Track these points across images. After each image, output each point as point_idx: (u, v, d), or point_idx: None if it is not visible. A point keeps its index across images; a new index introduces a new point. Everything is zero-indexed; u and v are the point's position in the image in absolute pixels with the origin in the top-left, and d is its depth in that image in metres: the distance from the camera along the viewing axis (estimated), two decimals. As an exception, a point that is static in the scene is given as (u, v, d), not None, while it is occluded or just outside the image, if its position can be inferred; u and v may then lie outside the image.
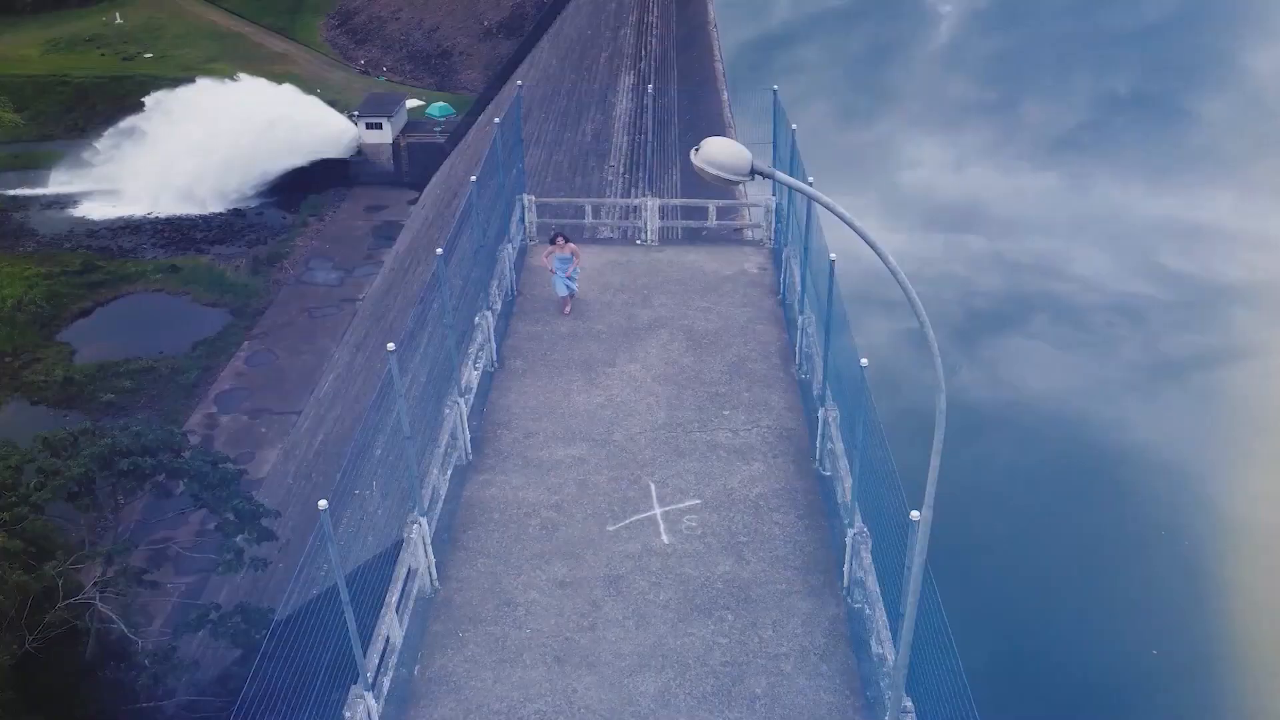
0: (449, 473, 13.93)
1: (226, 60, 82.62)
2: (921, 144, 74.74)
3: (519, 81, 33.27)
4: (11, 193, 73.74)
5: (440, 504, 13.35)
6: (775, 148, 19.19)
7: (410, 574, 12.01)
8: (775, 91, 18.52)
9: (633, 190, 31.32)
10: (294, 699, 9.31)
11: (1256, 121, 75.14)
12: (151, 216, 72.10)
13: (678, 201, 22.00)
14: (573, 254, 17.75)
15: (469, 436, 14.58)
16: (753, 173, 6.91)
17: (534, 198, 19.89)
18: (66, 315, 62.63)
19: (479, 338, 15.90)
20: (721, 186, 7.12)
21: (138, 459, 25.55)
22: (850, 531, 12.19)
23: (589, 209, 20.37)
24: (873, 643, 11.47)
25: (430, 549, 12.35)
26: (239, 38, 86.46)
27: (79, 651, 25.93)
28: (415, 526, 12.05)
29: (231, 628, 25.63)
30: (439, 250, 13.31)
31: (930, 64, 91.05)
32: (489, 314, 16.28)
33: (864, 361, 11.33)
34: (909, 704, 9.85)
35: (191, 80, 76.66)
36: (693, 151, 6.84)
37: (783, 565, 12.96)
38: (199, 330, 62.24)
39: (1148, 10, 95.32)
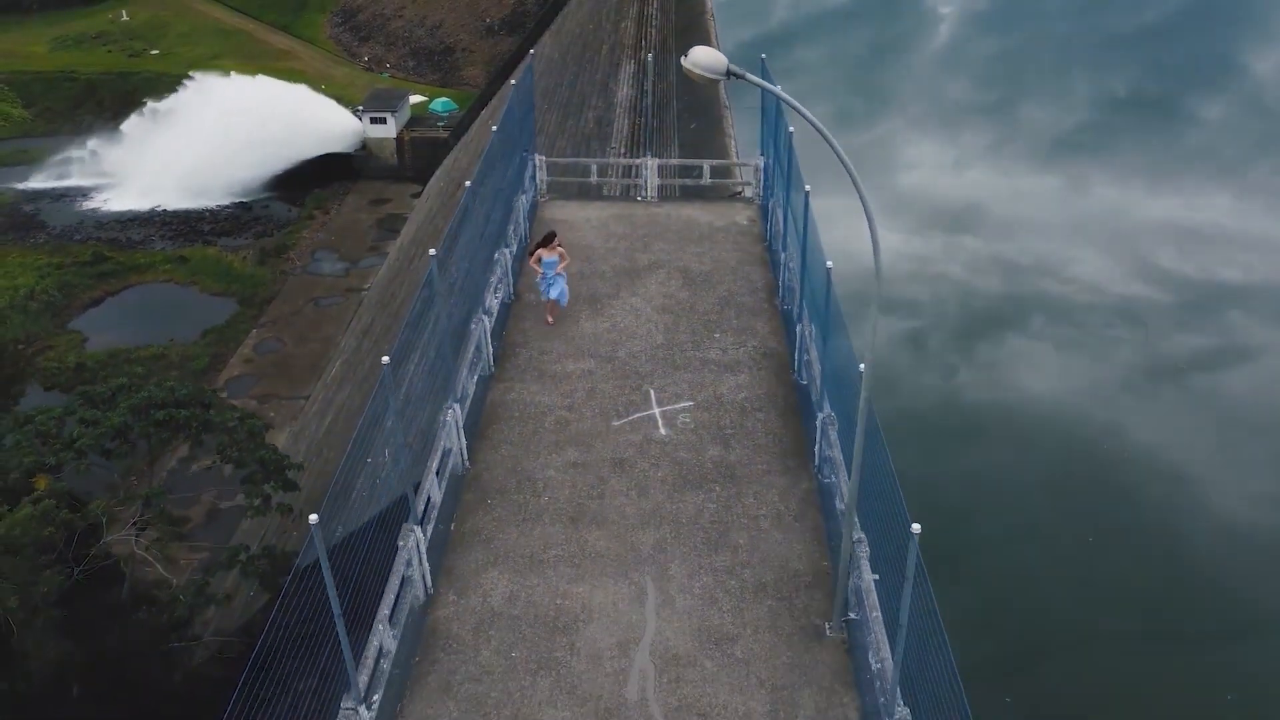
0: (475, 378, 16.34)
1: (231, 57, 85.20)
2: (920, 145, 76.07)
3: (531, 50, 35.67)
4: (20, 186, 76.28)
5: (468, 402, 15.74)
6: (763, 110, 21.65)
7: (445, 454, 14.39)
8: (764, 59, 20.91)
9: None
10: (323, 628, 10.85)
11: (1255, 123, 77.20)
12: (160, 209, 74.60)
13: (675, 161, 24.54)
14: (560, 256, 18.01)
15: (491, 350, 17.00)
16: (729, 74, 9.29)
17: (544, 158, 22.35)
18: (78, 304, 65.08)
19: (498, 270, 18.33)
20: (705, 84, 9.47)
21: (172, 410, 27.96)
22: (820, 415, 14.59)
23: (594, 168, 22.82)
24: (836, 502, 13.84)
25: (462, 432, 14.75)
26: (243, 35, 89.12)
27: (117, 590, 28.29)
28: (450, 411, 14.44)
29: (259, 568, 27.92)
30: (467, 183, 15.73)
31: (929, 65, 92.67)
32: (506, 251, 18.72)
33: (829, 264, 13.74)
34: (861, 535, 12.22)
35: (200, 77, 79.20)
36: (683, 58, 9.21)
37: (763, 452, 15.37)
38: (208, 319, 64.62)
39: (1147, 12, 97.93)
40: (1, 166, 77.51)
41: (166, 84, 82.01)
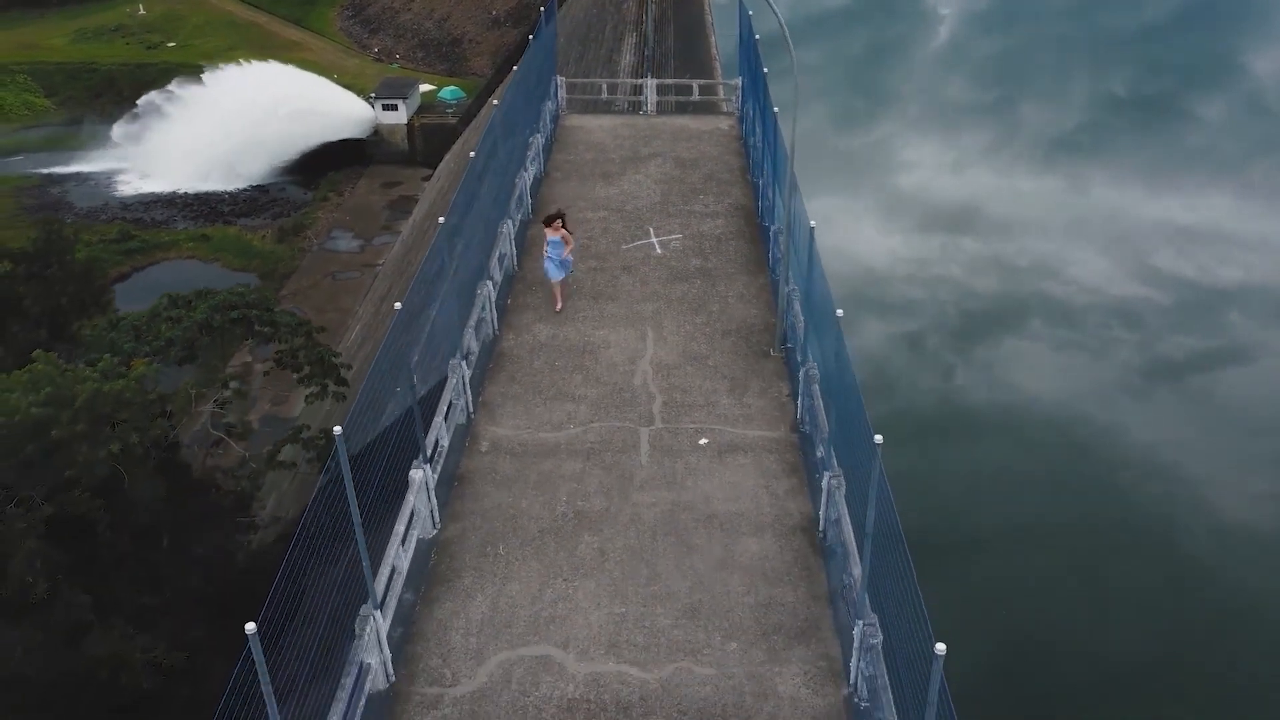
0: (519, 218, 22.91)
1: (245, 49, 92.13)
2: (919, 146, 79.62)
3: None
4: (46, 170, 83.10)
5: (515, 229, 22.29)
6: (740, 39, 28.33)
7: (502, 256, 20.93)
8: (741, 3, 27.55)
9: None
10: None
11: (1254, 123, 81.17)
12: (181, 192, 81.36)
13: (670, 81, 31.23)
14: (564, 239, 19.74)
15: (530, 202, 23.59)
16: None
17: (564, 78, 29.04)
18: (107, 279, 71.51)
19: (532, 151, 24.94)
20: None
21: (244, 310, 34.51)
22: (772, 228, 21.13)
23: (604, 87, 29.46)
24: (782, 286, 20.31)
25: (514, 241, 21.31)
26: (256, 28, 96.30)
27: (192, 469, 34.73)
28: (504, 224, 21.00)
29: (318, 446, 34.30)
30: (514, 68, 22.34)
31: (929, 66, 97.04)
32: (539, 137, 25.35)
33: (775, 109, 20.31)
34: (794, 285, 18.70)
35: (217, 67, 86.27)
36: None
37: (732, 263, 21.93)
38: (230, 291, 71.10)
39: (1146, 12, 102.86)
40: (28, 152, 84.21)
41: (183, 74, 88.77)
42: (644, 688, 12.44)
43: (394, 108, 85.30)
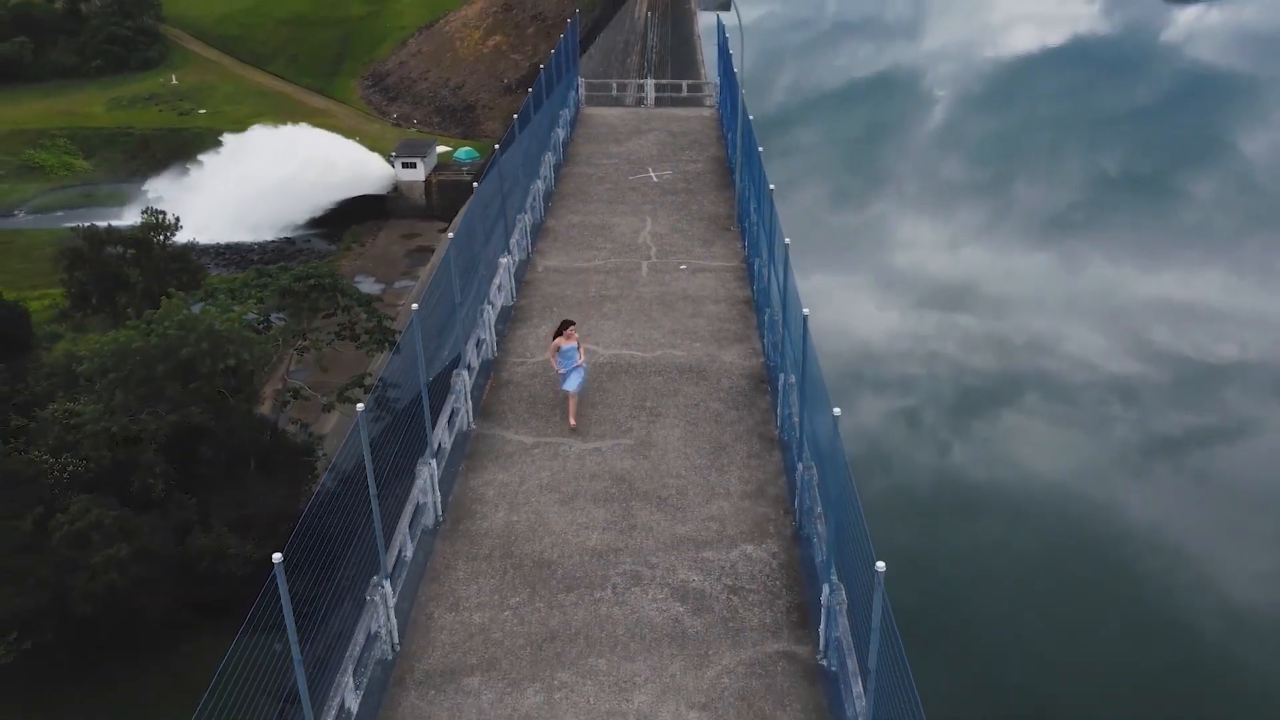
0: (555, 160, 33.77)
1: (272, 116, 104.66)
2: (915, 224, 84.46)
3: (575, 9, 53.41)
4: (86, 225, 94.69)
5: (550, 169, 33.05)
6: (719, 48, 39.55)
7: (545, 177, 31.67)
8: (725, 37, 38.72)
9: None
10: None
11: (1245, 201, 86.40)
12: (213, 243, 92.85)
13: (665, 81, 42.45)
14: (577, 344, 20.28)
15: (562, 153, 34.50)
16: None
17: (583, 79, 40.21)
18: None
19: (561, 122, 35.93)
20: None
21: (319, 279, 45.22)
22: (734, 155, 31.88)
23: (615, 86, 40.62)
24: (738, 183, 30.93)
25: (552, 171, 32.12)
26: (282, 96, 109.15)
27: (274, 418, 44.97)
28: (545, 157, 31.82)
29: (378, 392, 44.57)
30: (553, 51, 33.42)
31: (925, 146, 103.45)
32: (565, 111, 36.41)
33: (742, 88, 31.19)
34: (742, 186, 29.33)
35: (250, 129, 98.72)
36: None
37: (707, 186, 32.75)
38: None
39: (1139, 92, 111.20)
40: (70, 208, 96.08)
41: (213, 138, 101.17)
42: (643, 360, 22.75)
43: (413, 165, 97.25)
